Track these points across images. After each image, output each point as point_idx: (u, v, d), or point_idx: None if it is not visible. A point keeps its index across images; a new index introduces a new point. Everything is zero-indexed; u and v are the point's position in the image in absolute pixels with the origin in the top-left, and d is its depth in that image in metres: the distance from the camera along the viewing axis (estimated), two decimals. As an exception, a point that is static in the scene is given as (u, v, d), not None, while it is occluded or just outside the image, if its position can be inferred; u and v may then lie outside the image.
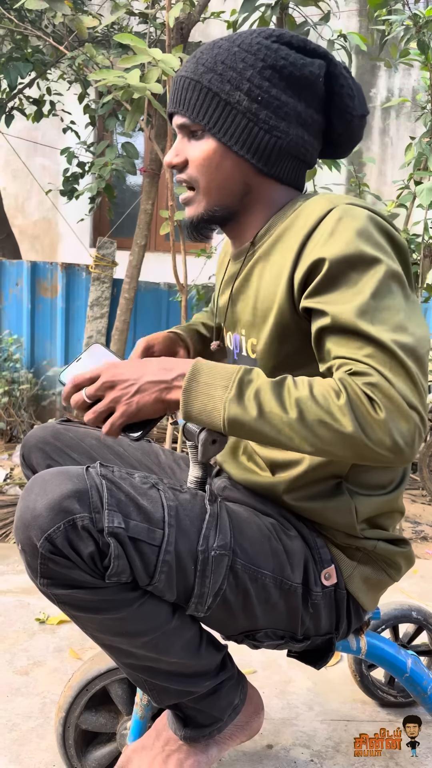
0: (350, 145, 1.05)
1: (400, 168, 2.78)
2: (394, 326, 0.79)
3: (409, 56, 2.42)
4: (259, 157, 0.94)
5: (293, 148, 0.95)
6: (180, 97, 0.95)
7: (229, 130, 0.93)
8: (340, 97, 0.97)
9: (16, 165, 4.92)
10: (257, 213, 1.00)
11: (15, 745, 1.28)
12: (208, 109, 0.93)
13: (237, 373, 0.82)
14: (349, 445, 0.76)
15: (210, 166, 0.95)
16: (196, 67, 0.94)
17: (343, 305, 0.80)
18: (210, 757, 1.02)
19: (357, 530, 0.95)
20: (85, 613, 0.84)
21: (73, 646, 1.65)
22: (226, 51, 0.93)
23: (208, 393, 0.82)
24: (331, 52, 2.51)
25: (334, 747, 1.34)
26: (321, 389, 0.78)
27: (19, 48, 3.35)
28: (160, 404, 0.85)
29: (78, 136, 3.99)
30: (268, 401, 0.79)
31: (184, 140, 0.98)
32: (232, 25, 2.78)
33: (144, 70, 2.04)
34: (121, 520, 0.80)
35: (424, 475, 3.35)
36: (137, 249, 3.29)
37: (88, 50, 2.43)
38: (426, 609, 1.45)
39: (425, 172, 2.43)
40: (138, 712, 1.08)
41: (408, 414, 0.75)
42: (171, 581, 0.83)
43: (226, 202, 0.98)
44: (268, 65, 0.92)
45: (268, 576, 0.90)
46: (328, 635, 0.99)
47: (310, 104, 0.95)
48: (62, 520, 0.77)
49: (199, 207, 0.98)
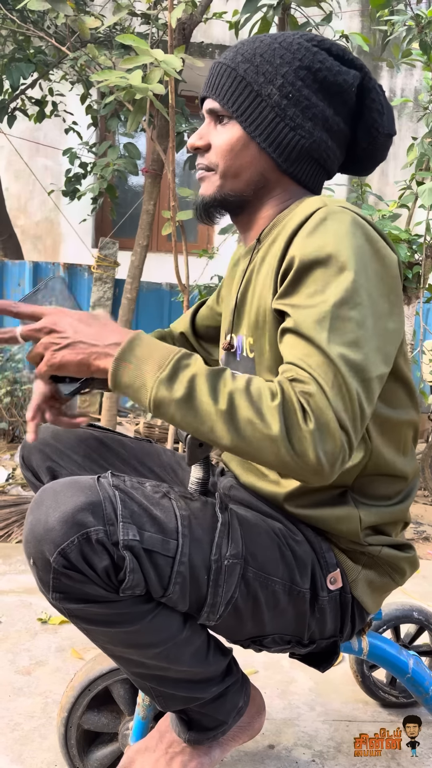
0: (372, 164, 1.05)
1: (402, 168, 2.78)
2: (348, 341, 0.76)
3: (411, 57, 2.42)
4: (280, 152, 0.95)
5: (315, 151, 0.96)
6: (214, 82, 0.97)
7: (256, 120, 0.94)
8: (370, 111, 0.98)
9: (18, 166, 4.93)
10: (268, 209, 1.00)
11: (17, 744, 1.29)
12: (239, 97, 0.95)
13: (175, 355, 0.78)
14: (271, 448, 0.72)
15: (231, 153, 0.96)
16: (235, 56, 0.96)
17: (304, 309, 0.79)
18: (213, 759, 1.02)
19: (360, 538, 0.95)
20: (98, 626, 0.82)
21: (75, 646, 1.65)
22: (267, 46, 0.95)
23: (140, 368, 0.78)
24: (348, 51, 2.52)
25: (335, 747, 1.34)
26: (257, 387, 0.75)
27: (21, 49, 3.35)
28: (85, 368, 0.81)
29: (80, 137, 3.99)
30: (200, 388, 0.75)
31: (210, 125, 0.99)
32: (234, 25, 2.78)
33: (146, 70, 2.04)
34: (136, 532, 0.78)
35: (426, 476, 3.35)
36: (139, 249, 3.30)
37: (90, 51, 2.44)
38: (427, 609, 1.45)
39: (427, 173, 2.43)
40: (140, 712, 1.08)
41: (335, 432, 0.72)
42: (184, 592, 0.82)
43: (240, 190, 0.98)
44: (304, 66, 0.93)
45: (278, 582, 0.90)
46: (332, 638, 0.99)
47: (338, 112, 0.96)
48: (76, 533, 0.75)
49: (212, 187, 0.99)
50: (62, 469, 1.09)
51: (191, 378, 0.76)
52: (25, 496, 2.84)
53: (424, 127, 3.74)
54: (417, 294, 2.58)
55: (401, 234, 2.47)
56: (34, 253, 5.33)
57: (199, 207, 1.02)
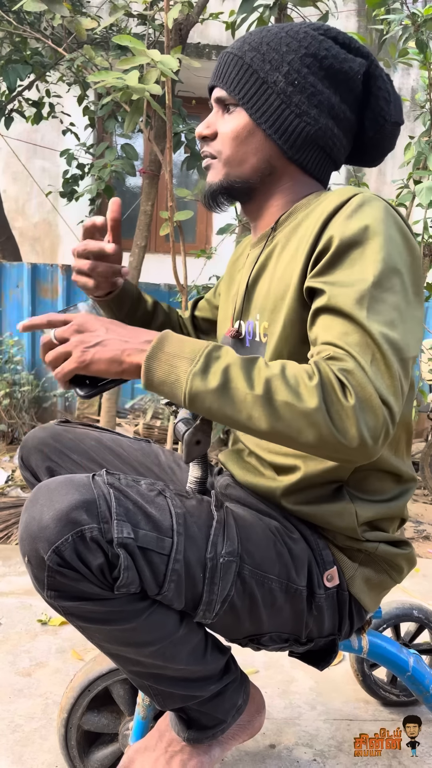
0: (380, 154, 1.06)
1: (399, 167, 2.78)
2: (386, 321, 0.77)
3: (408, 56, 2.42)
4: (285, 139, 0.96)
5: (320, 138, 0.97)
6: (222, 71, 0.99)
7: (262, 107, 0.96)
8: (377, 99, 0.99)
9: (16, 167, 4.93)
10: (279, 198, 1.01)
11: (18, 746, 1.28)
12: (245, 84, 0.96)
13: (206, 348, 0.78)
14: (311, 428, 0.72)
15: (237, 140, 0.98)
16: (242, 45, 0.98)
17: (343, 288, 0.79)
18: (213, 758, 1.02)
19: (358, 533, 0.95)
20: (93, 624, 0.82)
21: (75, 647, 1.65)
22: (274, 35, 0.96)
23: (172, 363, 0.77)
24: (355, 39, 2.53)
25: (336, 746, 1.34)
26: (293, 370, 0.75)
27: (18, 50, 3.35)
28: (117, 365, 0.80)
29: (77, 138, 3.99)
30: (235, 376, 0.75)
31: (217, 114, 1.01)
32: (230, 26, 2.78)
33: (143, 71, 2.04)
34: (130, 530, 0.78)
35: (426, 474, 3.35)
36: (137, 250, 3.29)
37: (86, 52, 2.44)
38: (427, 608, 1.45)
39: (424, 171, 2.43)
40: (140, 712, 1.08)
41: (377, 407, 0.72)
42: (180, 590, 0.82)
43: (246, 176, 0.99)
44: (310, 53, 0.95)
45: (274, 580, 0.90)
46: (330, 636, 0.99)
47: (344, 99, 0.97)
48: (70, 531, 0.75)
49: (219, 174, 1.01)
50: (61, 468, 1.09)
51: (225, 368, 0.76)
52: (24, 497, 2.84)
53: (421, 126, 3.75)
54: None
55: (399, 233, 2.47)
56: (32, 255, 5.33)
57: (206, 194, 1.03)
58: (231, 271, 1.19)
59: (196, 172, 3.09)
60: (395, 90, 1.01)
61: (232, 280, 1.17)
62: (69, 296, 3.90)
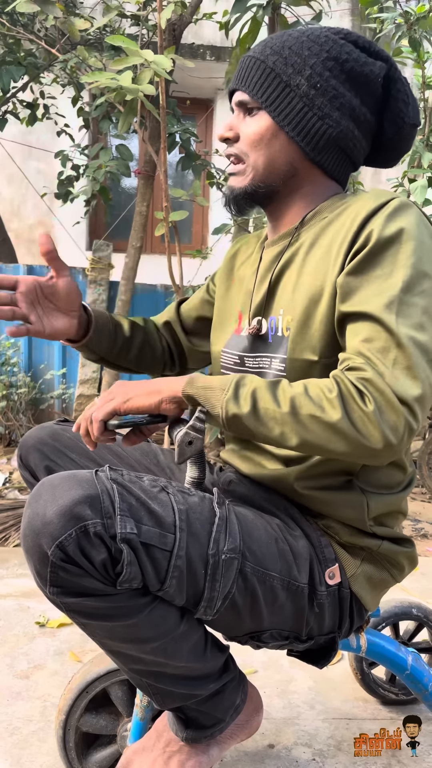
0: (397, 154, 1.08)
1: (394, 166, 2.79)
2: (415, 324, 0.82)
3: (402, 54, 2.43)
4: (308, 141, 0.98)
5: (342, 140, 0.99)
6: (244, 74, 1.00)
7: (285, 110, 0.97)
8: (396, 101, 1.01)
9: (10, 169, 4.92)
10: (300, 199, 1.03)
11: (16, 748, 1.28)
12: (268, 88, 0.98)
13: (233, 378, 0.87)
14: (338, 437, 0.79)
15: (261, 142, 0.99)
16: (264, 49, 0.99)
17: (373, 291, 0.84)
18: (211, 758, 1.01)
19: (366, 525, 0.96)
20: (95, 620, 0.82)
21: (74, 649, 1.65)
22: (295, 39, 0.98)
23: (205, 395, 0.87)
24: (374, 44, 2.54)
25: (336, 746, 1.33)
26: (315, 388, 0.82)
27: (11, 52, 3.35)
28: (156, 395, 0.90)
29: (72, 139, 3.99)
30: (263, 398, 0.83)
31: (239, 116, 1.02)
32: (224, 26, 2.78)
33: (136, 71, 2.04)
34: (134, 525, 0.78)
35: (424, 473, 3.36)
36: (133, 251, 3.30)
37: (80, 52, 2.43)
38: (426, 606, 1.45)
39: (419, 170, 2.44)
40: (138, 713, 1.07)
41: (398, 409, 0.77)
42: (182, 586, 0.82)
43: (271, 180, 1.01)
44: (332, 57, 0.96)
45: (275, 578, 0.90)
46: (331, 634, 0.99)
47: (365, 102, 0.99)
48: (74, 526, 0.75)
49: (245, 179, 1.02)
50: (60, 468, 1.09)
51: (253, 392, 0.84)
52: (22, 500, 2.83)
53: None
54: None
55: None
56: (28, 257, 5.33)
57: (229, 199, 1.05)
58: (230, 267, 1.19)
59: (191, 172, 3.09)
60: (412, 92, 1.03)
61: (233, 277, 1.17)
62: (65, 298, 3.89)
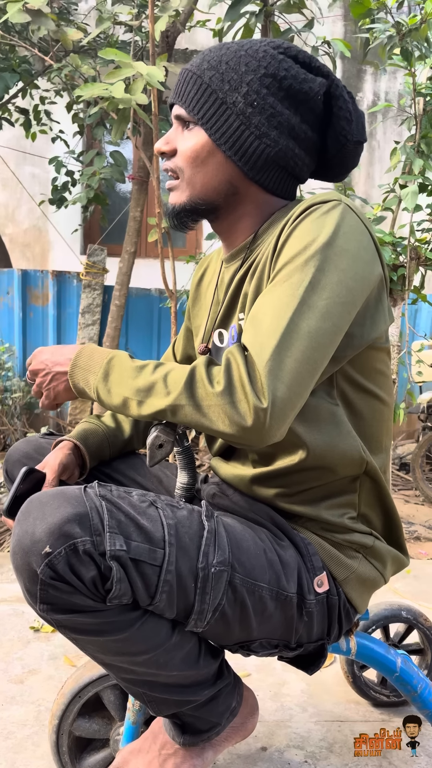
0: (343, 171, 1.05)
1: (385, 172, 2.81)
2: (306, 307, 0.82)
3: (393, 62, 2.45)
4: (245, 161, 0.95)
5: (281, 159, 0.96)
6: (181, 89, 0.98)
7: (221, 128, 0.95)
8: (338, 119, 0.98)
9: (5, 174, 4.93)
10: (246, 216, 1.01)
11: (10, 753, 1.29)
12: (204, 104, 0.95)
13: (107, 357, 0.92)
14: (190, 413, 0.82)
15: (196, 159, 0.97)
16: (201, 63, 0.96)
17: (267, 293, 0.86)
18: (205, 760, 1.02)
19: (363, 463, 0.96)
20: (86, 635, 0.82)
21: (68, 654, 1.66)
22: (233, 53, 0.95)
23: (85, 378, 0.93)
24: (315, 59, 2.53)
25: (327, 748, 1.35)
26: (175, 371, 0.85)
27: (5, 58, 3.36)
28: (71, 393, 0.98)
29: (67, 145, 4.00)
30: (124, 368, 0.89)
31: (177, 130, 1.00)
32: (217, 33, 2.80)
33: (129, 81, 2.06)
34: (123, 542, 0.78)
35: (417, 476, 3.38)
36: (127, 256, 3.31)
37: (73, 60, 2.45)
38: (416, 608, 1.47)
39: (410, 176, 2.46)
40: (130, 717, 1.08)
41: (248, 392, 0.77)
42: (172, 600, 0.83)
43: (210, 198, 0.99)
44: (270, 73, 0.93)
45: (264, 588, 0.90)
46: (320, 641, 1.00)
47: (305, 119, 0.96)
48: (63, 544, 0.75)
49: (182, 195, 1.00)
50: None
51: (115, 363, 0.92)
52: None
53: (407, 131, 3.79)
54: (402, 296, 2.60)
55: (386, 237, 2.49)
56: (22, 261, 5.34)
57: (170, 215, 1.02)
58: (198, 292, 1.19)
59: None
60: (357, 108, 1.00)
61: (201, 297, 1.17)
62: (59, 302, 3.90)
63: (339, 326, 0.85)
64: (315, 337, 0.81)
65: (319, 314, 0.82)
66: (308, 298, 0.82)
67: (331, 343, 0.84)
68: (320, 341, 0.82)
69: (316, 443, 0.93)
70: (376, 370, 0.97)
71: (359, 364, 0.95)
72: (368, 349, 0.95)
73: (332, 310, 0.83)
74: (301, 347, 0.80)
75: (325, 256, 0.84)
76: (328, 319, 0.83)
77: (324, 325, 0.82)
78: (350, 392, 0.96)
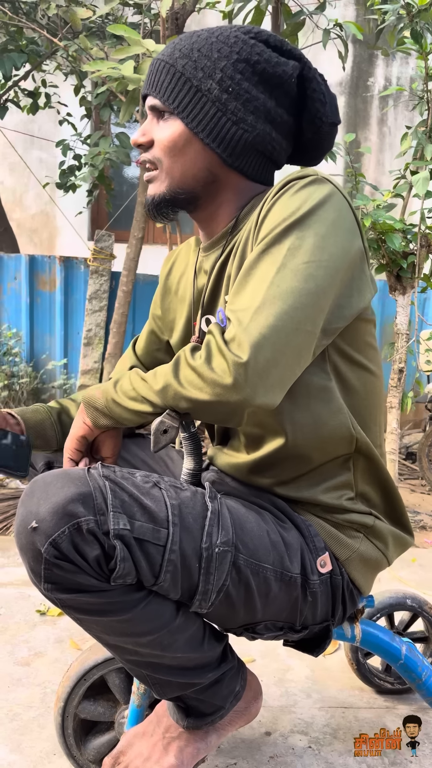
0: (319, 153, 1.05)
1: (396, 157, 2.77)
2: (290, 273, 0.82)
3: (405, 45, 2.41)
4: (224, 147, 0.95)
5: (259, 143, 0.96)
6: (154, 79, 0.96)
7: (198, 116, 0.94)
8: (312, 102, 0.98)
9: (12, 158, 4.91)
10: (227, 204, 1.01)
11: (16, 734, 1.30)
12: (179, 93, 0.94)
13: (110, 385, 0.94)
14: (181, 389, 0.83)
15: (174, 149, 0.96)
16: (173, 52, 0.95)
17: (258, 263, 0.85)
18: (209, 744, 1.03)
19: (352, 440, 0.96)
20: (90, 615, 0.83)
21: (74, 637, 1.67)
22: (204, 40, 0.94)
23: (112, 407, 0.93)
24: (327, 41, 2.48)
25: (332, 733, 1.35)
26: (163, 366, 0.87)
27: (13, 39, 3.33)
28: None
29: (74, 128, 3.98)
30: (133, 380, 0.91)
31: (153, 121, 0.98)
32: (227, 15, 2.77)
33: (138, 61, 2.03)
34: (126, 521, 0.79)
35: (423, 465, 3.37)
36: (134, 242, 3.29)
37: (81, 41, 2.42)
38: (421, 596, 1.47)
39: (421, 162, 2.43)
40: (135, 700, 1.09)
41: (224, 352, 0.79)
42: (176, 580, 0.83)
43: (189, 187, 0.98)
44: (242, 59, 0.93)
45: (269, 569, 0.91)
46: (324, 623, 1.00)
47: (280, 103, 0.96)
48: (67, 524, 0.76)
49: (161, 186, 0.99)
50: (58, 462, 1.10)
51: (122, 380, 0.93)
52: (23, 489, 2.85)
53: (418, 116, 3.74)
54: (412, 284, 2.58)
55: (396, 224, 2.46)
56: (29, 247, 5.33)
57: (149, 207, 1.01)
58: (167, 288, 1.17)
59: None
60: (330, 90, 1.00)
61: (171, 292, 1.16)
62: (66, 288, 3.89)
63: (322, 288, 0.84)
64: (297, 296, 0.81)
65: (300, 276, 0.83)
66: (288, 262, 0.83)
67: (314, 304, 0.83)
68: (303, 300, 0.82)
69: (305, 421, 0.94)
70: (365, 342, 0.98)
71: (350, 337, 0.95)
72: (357, 321, 0.95)
73: (314, 273, 0.83)
74: (283, 305, 0.81)
75: (305, 224, 0.85)
76: (311, 281, 0.83)
77: (306, 285, 0.82)
78: (342, 366, 0.96)
